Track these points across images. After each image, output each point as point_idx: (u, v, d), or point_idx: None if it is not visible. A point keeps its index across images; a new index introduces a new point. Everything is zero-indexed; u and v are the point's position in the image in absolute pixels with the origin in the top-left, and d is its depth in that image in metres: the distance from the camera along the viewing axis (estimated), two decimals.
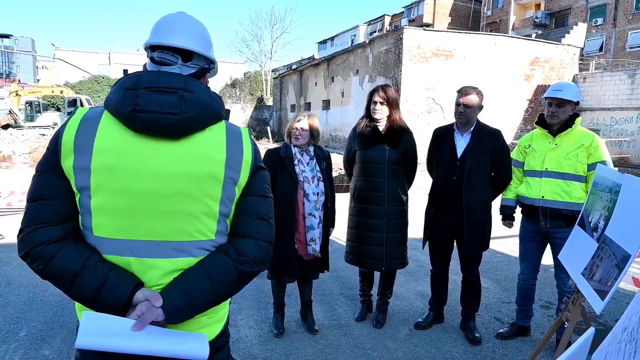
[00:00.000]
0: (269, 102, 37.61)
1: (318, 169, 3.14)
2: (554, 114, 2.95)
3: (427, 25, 39.65)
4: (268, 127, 27.10)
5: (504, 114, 18.24)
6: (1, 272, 4.45)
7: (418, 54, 17.47)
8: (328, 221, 3.18)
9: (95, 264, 1.12)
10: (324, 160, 3.21)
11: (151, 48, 1.28)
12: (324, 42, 58.85)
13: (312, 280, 3.36)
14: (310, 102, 27.49)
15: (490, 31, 36.08)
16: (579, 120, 2.98)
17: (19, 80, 36.18)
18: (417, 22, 41.28)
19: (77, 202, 1.15)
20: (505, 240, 5.86)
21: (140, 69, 1.31)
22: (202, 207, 1.20)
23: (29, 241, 1.12)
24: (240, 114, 34.93)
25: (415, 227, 4.00)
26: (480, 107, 3.13)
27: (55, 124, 24.75)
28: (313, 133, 3.13)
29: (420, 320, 3.49)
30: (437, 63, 17.69)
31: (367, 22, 52.51)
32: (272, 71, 44.35)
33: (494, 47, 18.52)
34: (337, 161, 6.86)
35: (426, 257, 3.61)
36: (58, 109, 31.11)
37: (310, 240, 3.07)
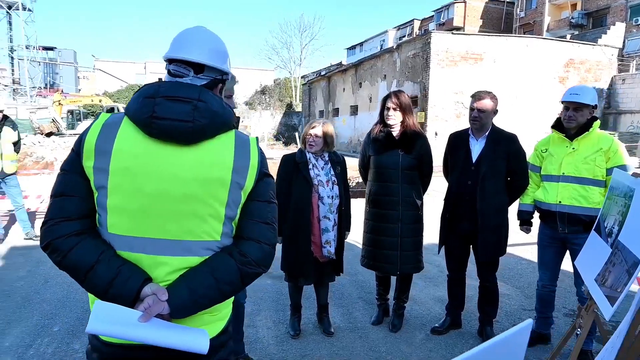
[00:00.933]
0: (298, 108, 37.98)
1: (333, 173, 3.21)
2: (571, 117, 2.92)
3: (458, 28, 39.12)
4: (296, 133, 27.35)
5: (537, 117, 17.76)
6: (39, 270, 4.72)
7: (446, 58, 17.29)
8: (343, 224, 3.24)
9: (109, 259, 1.21)
10: (338, 165, 3.27)
11: (168, 61, 1.37)
12: (352, 47, 58.97)
13: (328, 283, 3.42)
14: (338, 108, 27.60)
15: (524, 33, 35.25)
16: (596, 123, 2.93)
17: (62, 90, 37.99)
18: (447, 26, 40.77)
19: (95, 200, 1.24)
20: (531, 247, 5.71)
21: None
22: (209, 209, 1.27)
23: (50, 233, 1.20)
24: (269, 120, 35.43)
25: (435, 232, 3.99)
26: (495, 112, 3.13)
27: None
28: (327, 140, 3.20)
29: (436, 325, 3.49)
30: (466, 67, 17.45)
31: (396, 27, 52.28)
32: (301, 77, 44.81)
33: (525, 50, 18.11)
34: None
35: None
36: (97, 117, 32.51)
37: (325, 243, 3.14)
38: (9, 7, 39.08)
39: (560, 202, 2.96)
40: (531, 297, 4.22)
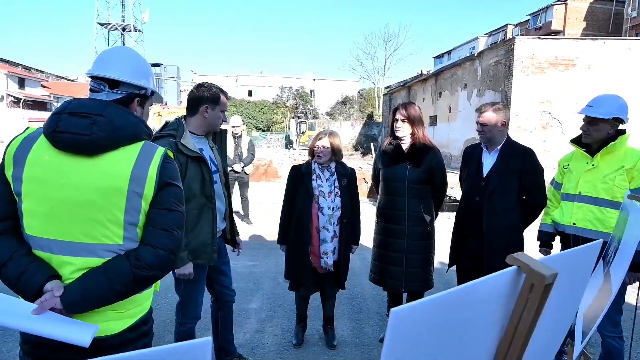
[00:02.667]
0: (380, 119, 37.81)
1: (337, 184, 3.20)
2: (585, 132, 2.63)
3: (557, 32, 36.30)
4: (372, 144, 27.25)
5: None
6: None
7: (532, 65, 16.11)
8: (346, 237, 3.20)
9: (20, 257, 1.38)
10: (345, 177, 3.25)
11: (90, 77, 1.54)
12: (440, 56, 57.23)
13: (333, 295, 3.41)
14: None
15: (636, 34, 31.62)
16: (623, 138, 2.58)
17: (166, 103, 41.81)
18: (545, 30, 37.96)
19: (18, 205, 1.42)
20: None
21: (263, 90, 1.53)
22: (108, 215, 1.39)
23: None
24: (349, 130, 35.73)
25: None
26: (503, 124, 2.91)
27: None
28: (334, 150, 3.21)
29: None
30: (554, 73, 16.10)
31: (488, 33, 49.84)
32: (385, 88, 44.55)
33: (627, 54, 16.22)
34: None
35: None
36: None
37: (323, 254, 3.13)
38: (123, 29, 44.32)
39: (574, 223, 2.65)
40: None
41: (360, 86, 53.33)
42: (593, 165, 2.63)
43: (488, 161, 2.99)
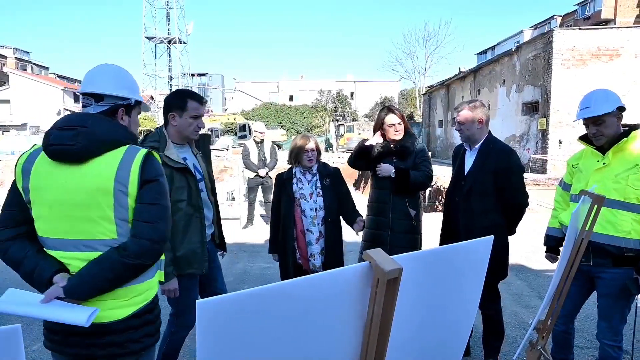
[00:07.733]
0: (421, 119, 37.23)
1: (319, 185, 3.22)
2: (596, 134, 2.45)
3: (607, 21, 34.30)
4: None
5: None
6: None
7: (572, 57, 15.37)
8: (331, 236, 3.21)
9: (31, 255, 1.60)
10: (328, 177, 3.26)
11: (82, 94, 1.76)
12: (484, 52, 55.51)
13: None
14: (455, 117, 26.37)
15: None
16: (637, 132, 2.41)
17: (211, 110, 43.28)
18: (594, 19, 35.99)
19: (30, 212, 1.65)
20: None
21: (304, 94, 1.67)
22: (99, 212, 1.57)
23: None
24: None
25: None
26: (481, 121, 2.89)
27: (228, 147, 28.79)
28: (319, 151, 3.29)
29: None
30: (597, 65, 15.29)
31: (533, 26, 47.83)
32: (427, 87, 43.83)
33: None
34: None
35: None
36: (235, 134, 36.29)
37: (310, 256, 3.19)
38: (169, 42, 46.42)
39: None
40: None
41: (402, 86, 52.75)
42: (604, 163, 2.45)
43: (469, 160, 2.98)
